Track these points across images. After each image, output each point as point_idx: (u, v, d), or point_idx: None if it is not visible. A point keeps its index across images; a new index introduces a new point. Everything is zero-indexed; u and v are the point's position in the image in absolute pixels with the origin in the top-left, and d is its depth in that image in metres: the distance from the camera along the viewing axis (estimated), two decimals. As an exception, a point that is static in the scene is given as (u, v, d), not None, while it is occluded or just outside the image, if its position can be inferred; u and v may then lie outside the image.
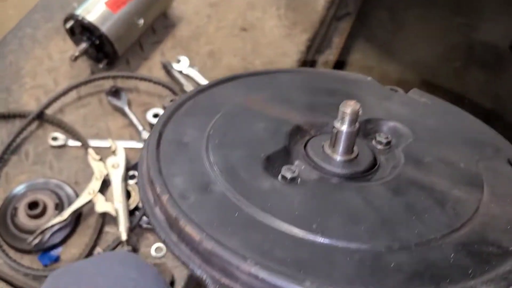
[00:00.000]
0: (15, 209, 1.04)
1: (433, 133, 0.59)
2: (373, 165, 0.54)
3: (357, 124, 0.52)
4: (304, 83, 0.68)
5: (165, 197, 0.44)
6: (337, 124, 0.52)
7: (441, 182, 0.50)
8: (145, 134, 1.17)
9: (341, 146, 0.53)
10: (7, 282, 1.01)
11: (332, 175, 0.51)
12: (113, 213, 1.02)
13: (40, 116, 1.20)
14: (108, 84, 1.27)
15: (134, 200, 1.06)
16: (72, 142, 1.18)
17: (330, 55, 1.73)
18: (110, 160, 1.09)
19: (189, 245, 0.41)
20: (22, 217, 1.03)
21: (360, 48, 1.95)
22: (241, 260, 0.38)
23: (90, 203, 1.03)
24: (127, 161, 1.10)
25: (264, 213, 0.44)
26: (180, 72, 1.30)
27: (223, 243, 0.40)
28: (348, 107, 0.51)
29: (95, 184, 1.05)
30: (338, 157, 0.53)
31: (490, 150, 0.56)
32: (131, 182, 1.09)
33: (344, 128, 0.51)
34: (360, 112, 0.51)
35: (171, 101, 0.64)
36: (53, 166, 1.15)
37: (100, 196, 1.04)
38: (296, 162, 0.53)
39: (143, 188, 0.48)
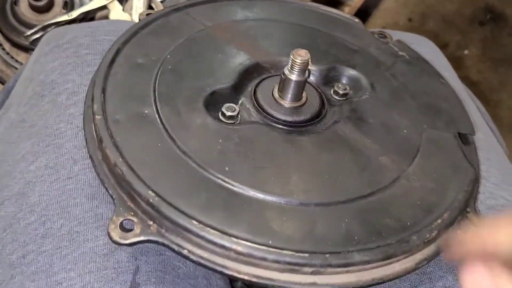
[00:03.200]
0: None
1: (392, 92, 0.58)
2: (317, 117, 0.54)
3: (306, 74, 0.52)
4: (285, 16, 0.66)
5: (98, 117, 0.47)
6: (286, 71, 0.52)
7: (373, 147, 0.51)
8: None
9: (288, 93, 0.53)
10: (-4, 77, 0.92)
11: (272, 121, 0.52)
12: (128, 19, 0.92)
13: None
14: None
15: None
16: None
17: None
18: None
19: (108, 165, 0.45)
20: (24, 8, 0.93)
21: None
22: (144, 189, 0.42)
23: (105, 10, 0.93)
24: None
25: (183, 148, 0.46)
26: None
27: (135, 170, 0.43)
28: (298, 57, 0.50)
29: None
30: (284, 103, 0.53)
31: (444, 120, 0.55)
32: None
33: (293, 76, 0.51)
34: (309, 63, 0.51)
35: (148, 14, 0.64)
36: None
37: (117, 4, 0.93)
38: (241, 101, 0.54)
39: (86, 102, 0.51)
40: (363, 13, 1.77)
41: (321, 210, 0.44)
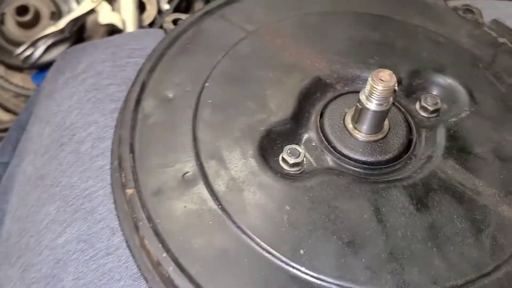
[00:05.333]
0: (3, 15, 0.88)
1: (500, 103, 0.44)
2: (405, 152, 0.42)
3: (390, 101, 0.39)
4: (346, 3, 0.52)
5: (129, 191, 0.37)
6: (362, 98, 0.39)
7: (488, 192, 0.38)
8: None
9: (365, 124, 0.41)
10: (-5, 103, 0.89)
11: (347, 163, 0.41)
12: (119, 25, 0.85)
13: None
14: None
15: (149, 15, 0.88)
16: None
17: None
18: None
19: (149, 258, 0.35)
20: (11, 25, 0.88)
21: None
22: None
23: (93, 13, 0.86)
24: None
25: (240, 224, 0.36)
26: None
27: (184, 268, 0.34)
28: (379, 83, 0.37)
29: None
30: (360, 136, 0.41)
31: None
32: None
33: (372, 106, 0.39)
34: (396, 88, 0.38)
35: (175, 21, 0.52)
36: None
37: (105, 4, 0.86)
38: (305, 137, 0.42)
39: (112, 163, 0.41)
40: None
41: (433, 303, 0.33)
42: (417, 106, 0.45)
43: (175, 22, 0.52)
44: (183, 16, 0.52)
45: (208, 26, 0.49)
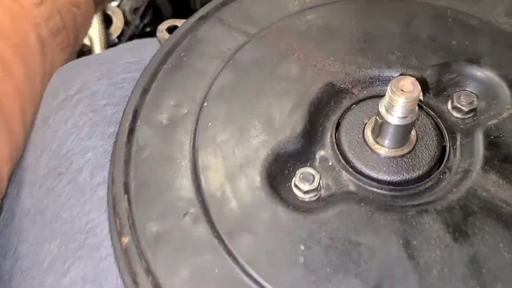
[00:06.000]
0: None
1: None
2: (437, 166, 0.36)
3: (416, 111, 0.33)
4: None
5: (125, 240, 0.33)
6: (382, 110, 0.34)
7: (539, 211, 0.32)
8: None
9: (387, 139, 0.35)
10: None
11: (369, 184, 0.35)
12: (86, 42, 0.82)
13: None
14: None
15: (116, 27, 0.85)
16: None
17: None
18: None
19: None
20: None
21: None
22: None
23: None
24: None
25: (250, 271, 0.31)
26: None
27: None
28: (401, 95, 0.31)
29: None
30: (383, 152, 0.36)
31: None
32: (113, 3, 0.85)
33: (393, 120, 0.33)
34: (421, 97, 0.32)
35: (169, 30, 0.47)
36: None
37: None
38: (321, 155, 0.37)
39: (108, 203, 0.37)
40: None
41: None
42: (449, 106, 0.39)
43: (170, 30, 0.47)
44: (178, 22, 0.47)
45: (205, 33, 0.44)
